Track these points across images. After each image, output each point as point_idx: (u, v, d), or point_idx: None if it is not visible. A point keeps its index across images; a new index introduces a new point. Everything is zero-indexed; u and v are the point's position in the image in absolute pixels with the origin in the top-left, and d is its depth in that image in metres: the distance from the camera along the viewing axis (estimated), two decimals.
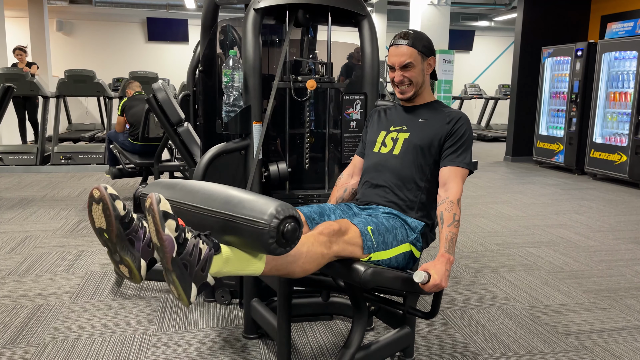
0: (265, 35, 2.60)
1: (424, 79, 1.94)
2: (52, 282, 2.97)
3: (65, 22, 12.28)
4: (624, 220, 4.58)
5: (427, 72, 1.94)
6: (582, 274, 3.24)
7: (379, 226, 1.72)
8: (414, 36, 1.89)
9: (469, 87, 12.33)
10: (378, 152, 1.97)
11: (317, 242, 1.52)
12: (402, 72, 1.89)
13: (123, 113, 5.28)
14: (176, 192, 1.45)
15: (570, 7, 8.13)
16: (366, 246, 1.65)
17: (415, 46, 1.87)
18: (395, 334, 1.91)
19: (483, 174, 7.02)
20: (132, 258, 1.31)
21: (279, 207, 1.27)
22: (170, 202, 1.39)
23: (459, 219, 1.74)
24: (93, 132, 10.40)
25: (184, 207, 1.39)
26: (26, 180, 6.24)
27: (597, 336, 2.41)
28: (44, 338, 2.30)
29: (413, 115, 1.97)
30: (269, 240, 1.24)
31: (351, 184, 2.10)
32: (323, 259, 1.53)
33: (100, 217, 1.29)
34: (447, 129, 1.86)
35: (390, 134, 1.97)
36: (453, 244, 1.70)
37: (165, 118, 3.38)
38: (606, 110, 6.73)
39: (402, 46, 1.88)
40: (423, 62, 1.90)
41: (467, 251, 3.66)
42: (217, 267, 1.31)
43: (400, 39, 1.90)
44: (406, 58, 1.87)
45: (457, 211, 1.74)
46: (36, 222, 4.28)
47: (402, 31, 1.95)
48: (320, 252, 1.52)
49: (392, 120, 2.02)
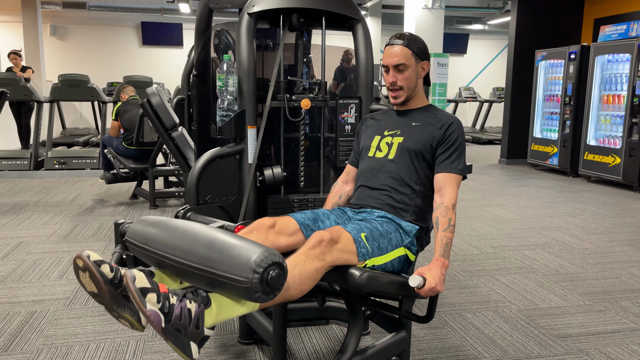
0: (259, 39, 2.59)
1: (416, 82, 1.93)
2: (46, 289, 2.94)
3: (59, 27, 12.25)
4: (619, 223, 4.59)
5: (420, 75, 1.93)
6: (577, 276, 3.24)
7: (373, 232, 1.72)
8: (409, 37, 1.89)
9: (463, 90, 12.37)
10: (373, 157, 1.97)
11: (309, 258, 1.49)
12: (396, 73, 1.90)
13: (117, 117, 5.27)
14: (159, 234, 1.40)
15: (563, 10, 8.18)
16: (360, 253, 1.63)
17: (410, 47, 1.88)
18: (392, 339, 1.90)
19: (478, 177, 7.03)
20: (130, 312, 1.30)
21: (259, 258, 1.21)
22: (153, 253, 1.38)
23: (454, 224, 1.74)
24: (87, 136, 10.36)
25: (167, 261, 1.35)
26: (20, 185, 6.20)
27: (592, 339, 2.41)
28: (37, 345, 2.28)
29: (406, 119, 1.96)
30: (254, 295, 1.21)
31: (346, 191, 2.10)
32: (318, 274, 1.51)
33: (89, 283, 1.29)
34: (440, 134, 1.86)
35: (385, 139, 1.96)
36: (448, 248, 1.70)
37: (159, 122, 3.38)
38: (600, 113, 6.77)
39: (396, 46, 1.88)
40: (417, 64, 1.90)
41: (462, 254, 3.66)
42: (212, 320, 1.29)
43: (396, 39, 1.90)
44: (400, 58, 1.87)
45: (452, 216, 1.74)
46: (30, 227, 4.26)
47: (399, 32, 1.95)
48: (315, 268, 1.49)
49: (385, 124, 2.01)
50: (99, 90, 7.44)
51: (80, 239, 3.93)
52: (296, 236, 1.75)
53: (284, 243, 1.72)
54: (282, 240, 1.72)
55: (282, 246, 1.73)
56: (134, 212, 4.85)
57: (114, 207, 5.09)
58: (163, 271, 1.44)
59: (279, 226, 1.74)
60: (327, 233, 1.57)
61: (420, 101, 1.98)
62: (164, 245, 1.36)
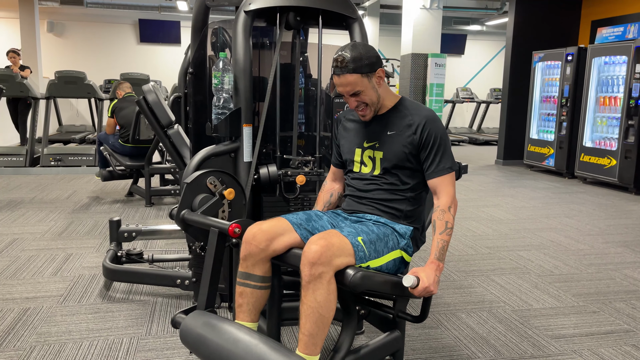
0: (256, 37, 2.59)
1: (378, 94, 1.83)
2: (40, 286, 2.93)
3: (56, 23, 12.20)
4: (614, 224, 4.61)
5: (379, 85, 1.83)
6: (571, 277, 3.25)
7: (370, 235, 1.71)
8: (352, 59, 1.73)
9: (460, 90, 12.39)
10: (360, 172, 1.93)
11: (320, 282, 1.52)
12: (354, 98, 1.81)
13: (113, 115, 5.25)
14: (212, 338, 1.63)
15: (561, 12, 8.20)
16: (358, 257, 1.63)
17: (357, 70, 1.74)
18: (385, 338, 1.90)
19: (474, 178, 7.04)
20: None
21: None
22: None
23: (451, 226, 1.73)
24: (84, 133, 10.34)
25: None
26: (15, 182, 6.18)
27: (586, 339, 2.41)
28: (30, 342, 2.27)
29: (381, 127, 1.88)
30: None
31: (336, 189, 2.09)
32: (331, 285, 1.55)
33: None
34: (417, 139, 1.80)
35: (367, 152, 1.90)
36: (444, 251, 1.70)
37: (155, 120, 3.36)
38: (596, 115, 6.78)
39: (343, 75, 1.75)
40: (371, 80, 1.79)
41: (457, 254, 3.66)
42: None
43: (338, 68, 1.75)
44: (352, 87, 1.77)
45: (449, 219, 1.73)
46: (24, 224, 4.24)
47: (339, 55, 1.75)
48: (327, 290, 1.54)
49: (362, 134, 1.93)
50: (95, 87, 7.42)
51: (75, 236, 3.92)
52: (290, 235, 1.75)
53: (280, 246, 1.72)
54: (277, 244, 1.72)
55: (280, 249, 1.73)
56: (130, 210, 4.84)
57: (109, 204, 5.07)
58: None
59: (271, 233, 1.72)
60: (322, 241, 1.55)
61: (389, 103, 1.89)
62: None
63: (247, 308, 1.76)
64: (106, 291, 2.87)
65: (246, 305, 1.76)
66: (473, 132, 12.99)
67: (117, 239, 3.19)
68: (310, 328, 1.55)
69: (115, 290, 2.88)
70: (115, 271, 2.85)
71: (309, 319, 1.55)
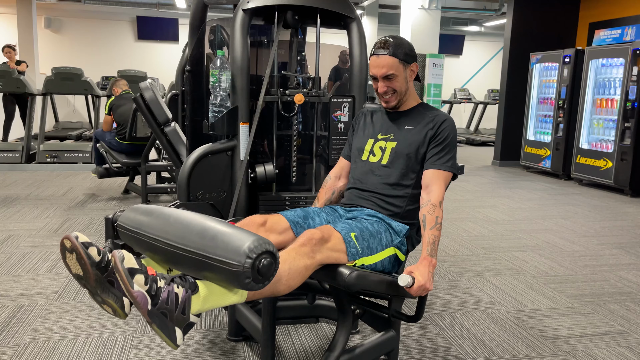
0: (253, 36, 2.59)
1: (407, 87, 1.90)
2: (35, 282, 2.92)
3: (53, 19, 12.16)
4: (609, 226, 4.62)
5: (410, 79, 1.90)
6: (566, 278, 3.26)
7: (363, 231, 1.72)
8: (394, 44, 1.83)
9: (458, 91, 12.40)
10: (367, 161, 1.95)
11: (299, 255, 1.50)
12: (385, 83, 1.86)
13: (110, 112, 5.24)
14: (152, 220, 1.39)
15: (559, 14, 8.21)
16: (350, 253, 1.63)
17: (396, 55, 1.83)
18: (380, 338, 1.90)
19: (471, 178, 7.05)
20: (114, 298, 1.27)
21: (252, 245, 1.21)
22: (145, 237, 1.37)
23: (441, 221, 1.74)
24: (80, 130, 10.29)
25: (159, 244, 1.34)
26: (11, 178, 6.15)
27: (580, 340, 2.42)
28: (24, 339, 2.27)
29: (399, 122, 1.94)
30: (245, 280, 1.21)
31: (339, 187, 2.09)
32: (307, 271, 1.51)
33: (75, 265, 1.26)
34: (432, 132, 1.85)
35: (379, 143, 1.95)
36: (435, 246, 1.70)
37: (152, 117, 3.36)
38: (593, 117, 6.80)
39: (382, 56, 1.83)
40: (405, 70, 1.86)
41: (453, 255, 3.67)
42: (198, 306, 1.29)
43: (380, 48, 1.84)
44: (387, 69, 1.83)
45: (439, 214, 1.74)
46: (20, 221, 4.23)
47: (382, 39, 1.87)
48: (304, 265, 1.50)
49: (378, 127, 1.99)
50: (92, 84, 7.39)
51: None
52: (286, 234, 1.75)
53: (274, 241, 1.72)
54: (272, 238, 1.72)
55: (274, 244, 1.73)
56: (126, 207, 4.82)
57: (105, 201, 5.06)
58: (152, 257, 1.42)
59: (270, 224, 1.74)
60: (317, 232, 1.57)
61: (412, 102, 1.96)
62: (157, 230, 1.36)
63: None
64: None
65: None
66: (470, 132, 13.01)
67: (112, 237, 3.18)
68: None
69: None
70: None
71: None
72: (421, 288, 1.58)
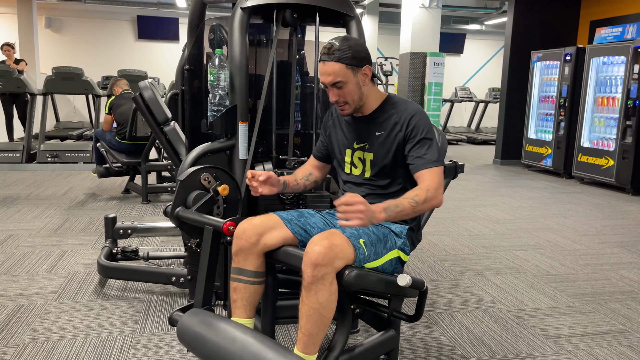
0: (252, 34, 2.58)
1: (361, 92, 1.76)
2: (34, 282, 2.92)
3: (54, 19, 12.16)
4: (610, 225, 4.61)
5: (363, 83, 1.76)
6: (567, 277, 3.25)
7: (370, 236, 1.69)
8: (339, 48, 1.68)
9: (459, 90, 12.39)
10: (350, 174, 1.90)
11: (322, 283, 1.51)
12: (335, 91, 1.74)
13: (110, 111, 5.23)
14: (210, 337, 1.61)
15: (560, 12, 8.19)
16: (358, 259, 1.61)
17: (342, 60, 1.68)
18: (380, 337, 1.89)
19: (472, 177, 7.04)
20: None
21: None
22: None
23: (419, 200, 1.64)
24: (81, 130, 10.30)
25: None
26: (11, 178, 6.16)
27: (581, 340, 2.41)
28: (23, 339, 2.26)
29: (369, 128, 1.84)
30: None
31: (315, 174, 2.04)
32: (333, 286, 1.54)
33: None
34: (402, 135, 1.76)
35: (357, 153, 1.87)
36: (395, 209, 1.61)
37: (151, 117, 3.35)
38: (594, 115, 6.78)
39: (328, 63, 1.69)
40: (356, 74, 1.72)
41: (454, 254, 3.66)
42: None
43: (325, 54, 1.69)
44: (334, 77, 1.70)
45: (420, 195, 1.65)
46: (20, 220, 4.22)
47: (328, 42, 1.70)
48: (329, 291, 1.53)
49: (352, 134, 1.89)
50: (93, 84, 7.39)
51: (70, 233, 3.90)
52: (281, 230, 1.74)
53: (271, 241, 1.72)
54: (268, 239, 1.72)
55: (271, 244, 1.73)
56: (126, 207, 4.82)
57: (105, 201, 5.06)
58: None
59: (261, 227, 1.72)
60: (326, 241, 1.53)
61: (374, 103, 1.84)
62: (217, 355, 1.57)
63: (242, 304, 1.76)
64: (101, 288, 2.86)
65: (240, 300, 1.76)
66: (471, 131, 12.99)
67: (112, 236, 3.18)
68: (310, 328, 1.55)
69: (110, 288, 2.87)
70: (110, 268, 2.84)
71: (309, 319, 1.55)
72: (353, 202, 1.49)
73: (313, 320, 1.54)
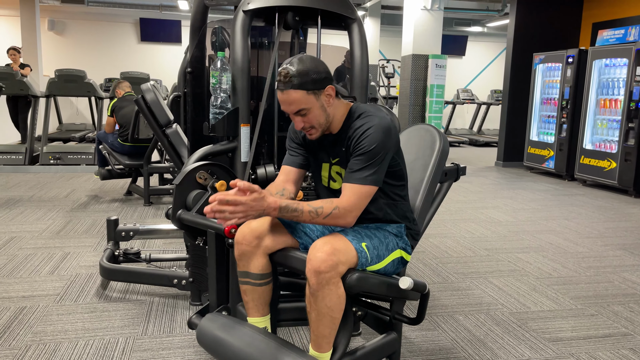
0: (254, 37, 2.58)
1: (327, 113, 1.66)
2: (37, 284, 2.93)
3: (57, 22, 12.20)
4: (613, 227, 4.60)
5: (328, 104, 1.65)
6: (570, 280, 3.24)
7: (373, 239, 1.69)
8: (297, 73, 1.56)
9: (461, 92, 12.38)
10: (329, 187, 1.83)
11: (328, 288, 1.53)
12: (300, 119, 1.64)
13: (113, 114, 5.25)
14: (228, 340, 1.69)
15: (562, 14, 8.19)
16: (360, 263, 1.62)
17: (302, 87, 1.57)
18: (382, 340, 1.89)
19: (474, 179, 7.03)
20: None
21: None
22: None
23: (321, 213, 1.57)
24: (84, 132, 10.33)
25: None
26: (14, 180, 6.17)
27: (583, 343, 2.40)
28: (25, 341, 2.26)
29: (337, 142, 1.74)
30: None
31: (289, 189, 1.82)
32: (340, 288, 1.56)
33: None
34: (352, 146, 1.64)
35: (334, 167, 1.78)
36: (291, 212, 1.56)
37: (153, 119, 3.36)
38: (596, 117, 6.77)
39: (287, 92, 1.58)
40: (319, 98, 1.62)
41: (456, 256, 3.65)
42: None
43: (282, 82, 1.58)
44: (296, 106, 1.60)
45: (326, 209, 1.57)
46: (22, 222, 4.23)
47: (283, 68, 1.57)
48: (336, 294, 1.55)
49: (325, 149, 1.80)
50: (95, 86, 7.41)
51: (73, 235, 3.91)
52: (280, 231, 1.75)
53: (271, 242, 1.75)
54: (268, 241, 1.74)
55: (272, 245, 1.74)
56: (128, 209, 4.83)
57: (108, 203, 5.06)
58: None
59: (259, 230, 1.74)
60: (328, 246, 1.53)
61: (340, 119, 1.71)
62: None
63: (254, 304, 1.81)
64: (103, 290, 2.86)
65: (252, 302, 1.81)
66: (473, 133, 12.98)
67: (114, 238, 3.19)
68: (322, 330, 1.61)
69: (112, 290, 2.87)
70: (112, 270, 2.85)
71: (320, 323, 1.59)
72: (235, 202, 1.46)
73: (324, 323, 1.59)
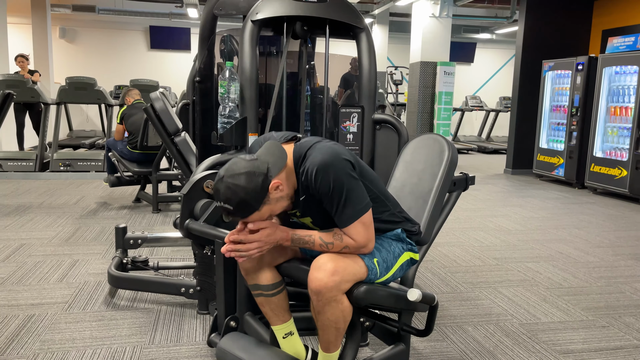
0: (263, 46, 2.59)
1: (283, 201, 1.59)
2: (45, 292, 2.94)
3: (68, 29, 12.34)
4: (624, 236, 4.55)
5: (279, 198, 1.56)
6: (580, 290, 3.20)
7: (381, 252, 1.67)
8: (237, 207, 1.48)
9: (470, 99, 12.35)
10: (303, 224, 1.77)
11: (329, 306, 1.54)
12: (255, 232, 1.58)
13: (122, 121, 5.28)
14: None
15: (571, 21, 8.15)
16: (369, 278, 1.61)
17: (245, 214, 1.52)
18: (390, 351, 1.88)
19: (483, 187, 7.00)
20: None
21: None
22: None
23: (332, 248, 1.57)
24: (93, 139, 10.41)
25: None
26: (24, 186, 6.22)
27: (595, 355, 2.37)
28: (34, 349, 2.27)
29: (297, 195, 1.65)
30: None
31: None
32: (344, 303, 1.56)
33: None
34: (315, 191, 1.56)
35: (303, 219, 1.72)
36: (302, 243, 1.59)
37: (162, 127, 3.38)
38: (607, 125, 6.72)
39: (234, 219, 1.56)
40: (269, 202, 1.53)
41: (465, 265, 3.63)
42: None
43: (227, 216, 1.55)
44: (254, 225, 1.55)
45: (336, 246, 1.57)
46: (32, 229, 4.26)
47: (222, 207, 1.50)
48: (339, 309, 1.56)
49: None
50: (105, 93, 7.47)
51: (82, 242, 3.93)
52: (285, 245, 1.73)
53: (276, 254, 1.74)
54: (273, 254, 1.73)
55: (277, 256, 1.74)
56: (137, 216, 4.85)
57: (116, 210, 5.09)
58: None
59: None
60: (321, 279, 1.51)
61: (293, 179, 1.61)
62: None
63: (273, 313, 1.83)
64: (111, 298, 2.86)
65: (270, 311, 1.83)
66: (482, 140, 12.93)
67: (122, 246, 3.20)
68: (329, 337, 1.66)
69: (120, 298, 2.87)
70: (120, 278, 2.85)
71: (326, 332, 1.64)
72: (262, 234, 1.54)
73: (329, 332, 1.63)
